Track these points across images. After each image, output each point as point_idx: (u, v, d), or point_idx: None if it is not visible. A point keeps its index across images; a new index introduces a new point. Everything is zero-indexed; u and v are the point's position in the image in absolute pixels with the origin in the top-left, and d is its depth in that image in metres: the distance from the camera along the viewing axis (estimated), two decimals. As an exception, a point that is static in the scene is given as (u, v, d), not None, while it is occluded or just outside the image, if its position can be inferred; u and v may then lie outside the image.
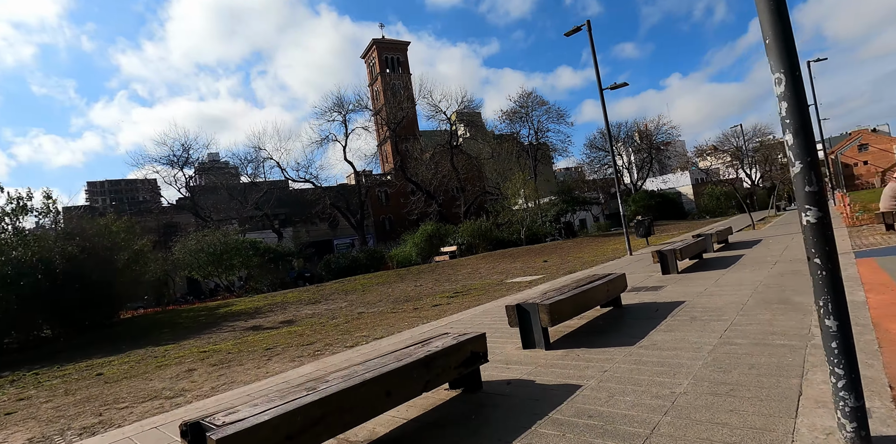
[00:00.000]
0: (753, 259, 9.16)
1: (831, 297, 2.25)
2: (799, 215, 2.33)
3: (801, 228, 2.33)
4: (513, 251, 22.79)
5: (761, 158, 56.32)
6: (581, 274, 11.24)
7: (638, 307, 6.16)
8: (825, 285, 2.27)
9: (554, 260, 16.42)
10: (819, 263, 2.29)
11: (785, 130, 2.31)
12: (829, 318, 2.26)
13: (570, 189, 34.27)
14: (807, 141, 2.26)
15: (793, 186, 2.38)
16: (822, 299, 2.28)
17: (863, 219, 12.74)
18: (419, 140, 49.27)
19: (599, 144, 53.14)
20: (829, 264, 2.26)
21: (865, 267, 6.58)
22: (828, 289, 2.26)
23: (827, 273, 2.27)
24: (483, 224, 28.10)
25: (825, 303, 2.27)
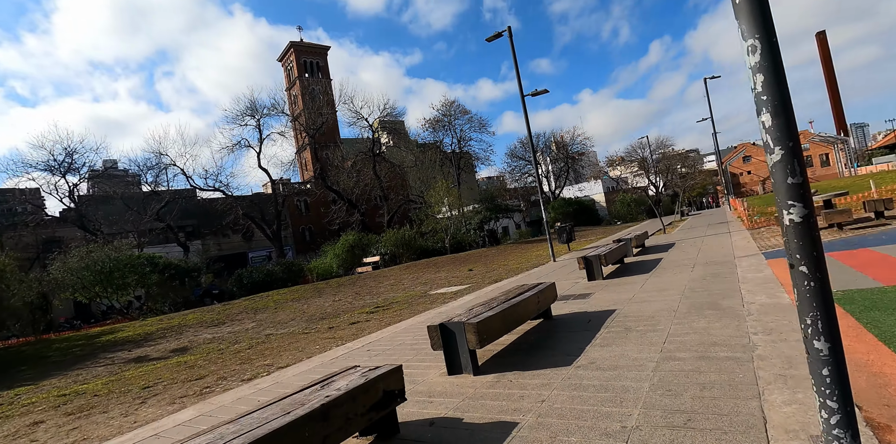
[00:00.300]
0: (672, 263, 9.28)
1: (821, 314, 1.82)
2: (780, 214, 1.89)
3: (783, 228, 1.89)
4: (437, 260, 22.29)
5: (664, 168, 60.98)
6: (507, 283, 10.90)
7: (569, 318, 5.77)
8: (813, 298, 1.84)
9: (479, 269, 16.08)
10: (806, 271, 1.85)
11: (761, 108, 1.87)
12: (818, 339, 1.83)
13: (493, 197, 34.57)
14: (788, 122, 1.84)
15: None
16: (809, 315, 1.84)
17: (760, 222, 13.68)
18: (340, 147, 47.68)
19: (520, 154, 54.67)
20: (817, 272, 1.84)
21: (778, 268, 6.72)
22: (817, 304, 1.83)
23: (815, 284, 1.84)
24: (407, 233, 27.41)
25: (814, 321, 1.83)
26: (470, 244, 29.97)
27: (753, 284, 5.94)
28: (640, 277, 8.14)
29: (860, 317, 3.89)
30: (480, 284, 11.64)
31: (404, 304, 10.35)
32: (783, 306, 4.64)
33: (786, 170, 1.83)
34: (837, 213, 9.03)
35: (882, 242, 7.31)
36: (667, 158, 61.89)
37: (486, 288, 10.54)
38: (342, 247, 29.37)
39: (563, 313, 6.12)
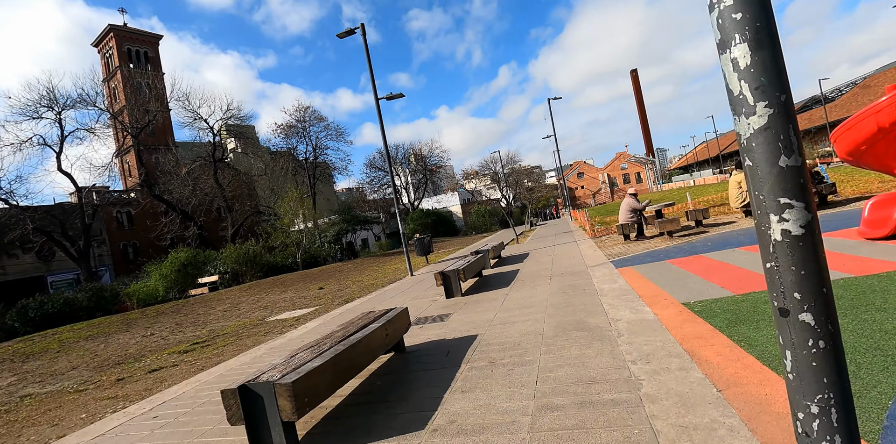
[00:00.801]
0: (530, 274, 9.02)
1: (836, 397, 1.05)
2: (760, 222, 1.08)
3: (769, 246, 1.08)
4: (286, 278, 20.07)
5: (513, 182, 65.53)
6: (359, 303, 9.69)
7: (426, 350, 4.82)
8: (823, 369, 1.05)
9: (331, 286, 14.56)
10: (812, 323, 1.06)
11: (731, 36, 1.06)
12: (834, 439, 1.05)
13: (350, 208, 33.01)
14: (776, 60, 1.05)
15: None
16: (817, 398, 1.06)
17: (600, 231, 14.62)
18: (174, 151, 41.69)
19: (379, 164, 53.89)
20: (829, 325, 1.06)
21: (630, 276, 6.67)
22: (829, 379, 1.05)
23: (827, 346, 1.05)
24: (251, 248, 24.46)
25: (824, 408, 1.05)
26: (325, 259, 27.97)
27: (612, 296, 5.67)
28: (500, 291, 7.62)
29: (730, 333, 3.59)
30: (329, 305, 10.23)
31: (232, 336, 8.49)
32: (649, 323, 4.26)
33: (776, 143, 1.03)
34: (668, 222, 9.73)
35: (709, 249, 7.82)
36: (516, 172, 66.73)
37: (335, 311, 9.20)
38: (171, 266, 25.18)
39: (419, 343, 5.16)
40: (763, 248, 1.07)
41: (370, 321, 4.39)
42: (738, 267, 5.93)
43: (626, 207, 10.69)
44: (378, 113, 12.78)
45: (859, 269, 4.71)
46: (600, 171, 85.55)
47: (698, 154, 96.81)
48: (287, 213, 25.62)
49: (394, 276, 14.43)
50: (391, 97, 12.92)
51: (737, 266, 6.00)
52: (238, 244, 25.11)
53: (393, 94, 12.87)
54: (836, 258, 5.36)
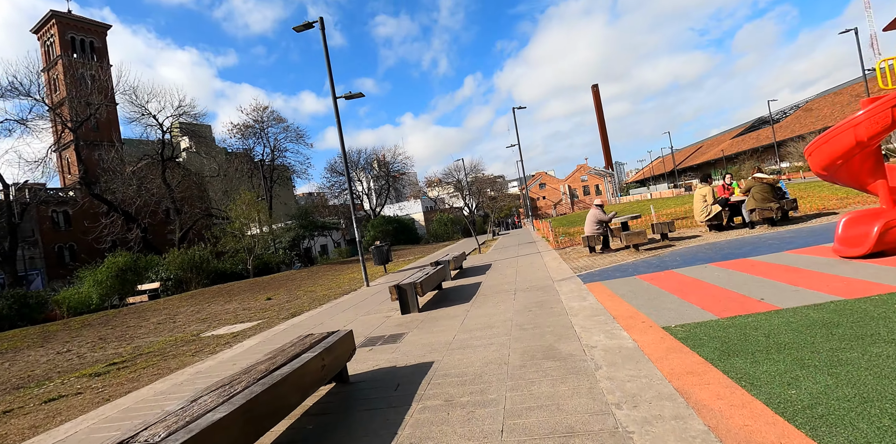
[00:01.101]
0: (492, 288, 8.45)
1: None
2: None
3: None
4: (234, 286, 18.77)
5: (476, 191, 65.49)
6: (307, 317, 8.84)
7: (373, 381, 4.11)
8: None
9: (280, 297, 13.55)
10: None
11: None
12: None
13: (308, 213, 31.73)
14: None
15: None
16: None
17: (564, 242, 14.30)
18: (119, 148, 39.13)
19: (340, 169, 52.58)
20: None
21: (601, 293, 6.19)
22: None
23: None
24: (198, 253, 22.92)
25: None
26: (278, 266, 26.63)
27: (584, 316, 5.14)
28: (461, 307, 6.99)
29: (726, 368, 3.08)
30: (274, 320, 9.32)
31: (157, 356, 7.47)
32: (629, 352, 3.73)
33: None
34: (635, 234, 9.42)
35: (679, 264, 7.48)
36: (479, 181, 66.74)
37: (279, 326, 8.32)
38: (107, 271, 23.27)
39: (366, 371, 4.45)
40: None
41: (305, 349, 3.66)
42: (714, 285, 5.54)
43: (593, 219, 10.34)
44: (336, 113, 12.02)
45: (847, 291, 4.36)
46: (561, 182, 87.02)
47: (654, 168, 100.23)
48: (239, 216, 24.21)
49: (349, 286, 13.58)
50: (350, 96, 12.19)
51: (713, 284, 5.61)
52: (184, 249, 23.46)
53: (352, 93, 12.15)
54: (817, 278, 5.03)
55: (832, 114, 57.42)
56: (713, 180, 10.92)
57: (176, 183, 36.63)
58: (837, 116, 54.55)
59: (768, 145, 65.59)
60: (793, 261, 6.15)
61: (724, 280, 5.71)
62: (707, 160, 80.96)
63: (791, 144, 55.20)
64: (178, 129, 40.82)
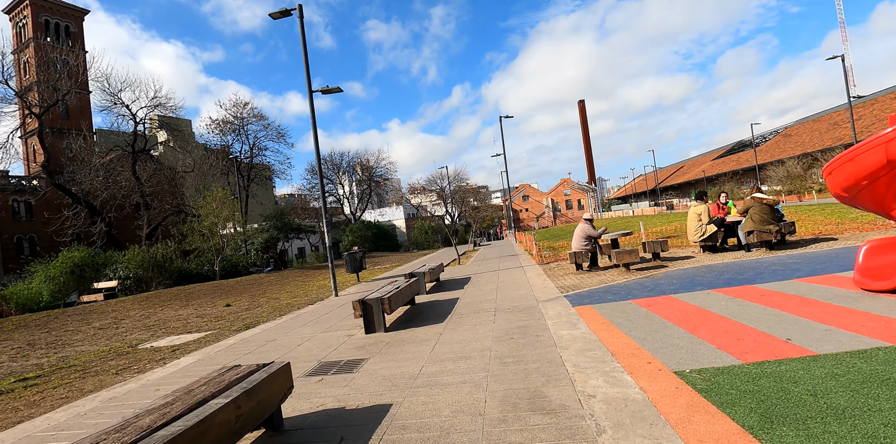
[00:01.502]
0: (470, 306, 7.63)
1: None
2: None
3: None
4: (196, 289, 17.55)
5: (459, 200, 64.86)
6: (261, 331, 7.87)
7: (311, 430, 3.23)
8: None
9: (241, 303, 12.49)
10: None
11: None
12: None
13: (283, 214, 30.51)
14: None
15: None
16: None
17: (548, 257, 13.59)
18: (89, 138, 37.35)
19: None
20: None
21: (593, 320, 5.42)
22: None
23: None
24: (161, 251, 21.58)
25: None
26: (248, 268, 25.37)
27: (576, 350, 4.35)
28: (433, 329, 6.14)
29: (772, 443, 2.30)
30: (225, 331, 8.32)
31: (78, 371, 6.43)
32: (639, 408, 2.94)
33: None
34: (626, 253, 8.72)
35: (676, 288, 6.77)
36: (462, 190, 66.15)
37: (227, 341, 7.34)
38: (61, 267, 21.81)
39: (308, 412, 3.56)
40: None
41: (218, 391, 2.77)
42: (725, 318, 4.81)
43: (581, 234, 9.63)
44: (311, 107, 11.15)
45: (891, 335, 3.66)
46: (545, 195, 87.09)
47: (636, 186, 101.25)
48: (209, 214, 22.93)
49: (316, 295, 12.60)
50: (327, 91, 11.34)
51: (723, 316, 4.88)
52: (146, 246, 22.09)
53: (329, 87, 11.29)
54: (846, 315, 4.34)
55: (811, 140, 58.62)
56: (708, 199, 10.34)
57: (147, 177, 35.07)
58: (816, 143, 55.72)
59: (748, 168, 66.64)
60: (807, 292, 5.48)
61: (735, 312, 4.99)
62: (688, 180, 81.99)
63: (771, 167, 56.08)
64: (156, 121, 39.28)
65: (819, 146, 52.70)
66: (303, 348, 5.96)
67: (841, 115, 60.44)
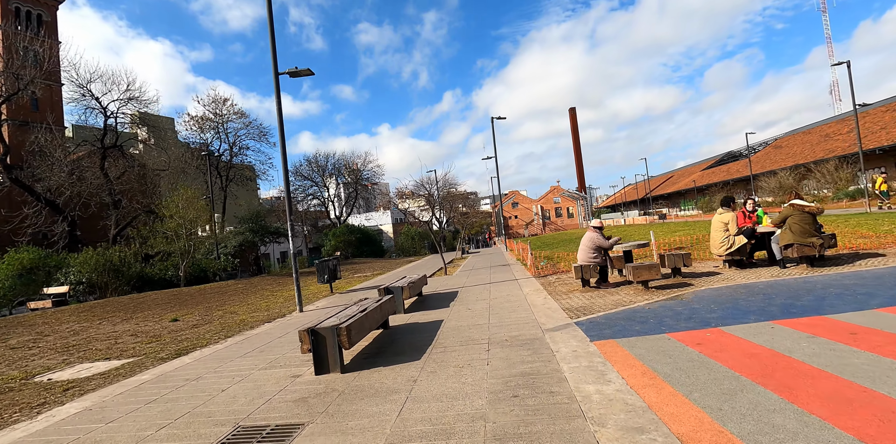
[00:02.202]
0: (456, 334, 6.07)
1: None
2: None
3: None
4: (150, 298, 15.73)
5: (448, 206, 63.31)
6: (191, 361, 6.20)
7: None
8: None
9: (192, 318, 10.78)
10: None
11: None
12: None
13: (260, 217, 28.66)
14: None
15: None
16: None
17: (545, 268, 12.11)
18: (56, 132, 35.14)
19: (305, 173, 49.63)
20: None
21: (626, 366, 3.92)
22: None
23: None
24: (117, 255, 19.67)
25: None
26: (217, 274, 23.50)
27: (618, 429, 2.81)
28: (405, 371, 4.57)
29: None
30: (150, 359, 6.64)
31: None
32: None
33: None
34: (646, 268, 7.25)
35: (720, 316, 5.30)
36: (451, 196, 64.70)
37: (142, 375, 5.68)
38: (7, 269, 19.92)
39: None
40: None
41: None
42: (822, 370, 3.33)
43: (590, 244, 8.14)
44: (276, 90, 9.57)
45: None
46: (534, 202, 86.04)
47: (627, 194, 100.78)
48: (176, 214, 21.08)
49: (280, 309, 10.94)
50: (296, 73, 9.76)
51: (818, 368, 3.40)
52: (101, 248, 20.17)
53: (298, 69, 9.71)
54: None
55: (802, 152, 58.35)
56: (736, 205, 8.92)
57: (117, 174, 33.01)
58: (808, 154, 55.40)
59: (739, 178, 66.29)
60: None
61: (834, 361, 3.51)
62: (678, 190, 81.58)
63: (763, 178, 55.58)
64: (136, 118, 37.27)
65: (811, 158, 52.29)
66: (225, 397, 4.35)
67: (832, 127, 60.39)
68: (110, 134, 33.20)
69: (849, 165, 43.80)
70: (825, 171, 43.52)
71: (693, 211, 69.28)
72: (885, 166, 44.82)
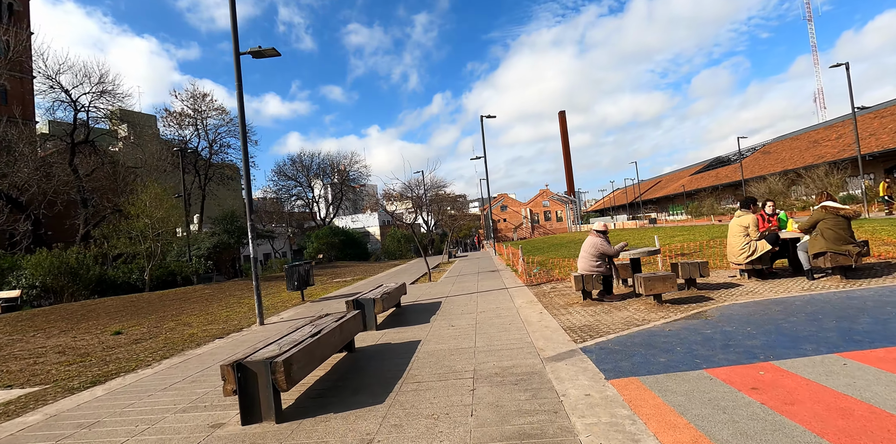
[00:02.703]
0: (434, 363, 4.91)
1: None
2: None
3: None
4: (104, 304, 14.33)
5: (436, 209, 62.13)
6: (103, 393, 4.94)
7: None
8: None
9: (137, 330, 9.47)
10: None
11: None
12: None
13: (236, 217, 27.24)
14: None
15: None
16: None
17: (538, 277, 11.00)
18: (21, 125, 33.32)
19: (289, 173, 48.14)
20: None
21: (657, 418, 2.81)
22: None
23: None
24: (74, 256, 18.18)
25: None
26: (187, 277, 22.05)
27: None
28: (360, 424, 3.38)
29: None
30: (54, 390, 5.37)
31: None
32: None
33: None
34: (660, 280, 6.18)
35: (764, 344, 4.23)
36: (439, 198, 63.51)
37: (45, 409, 4.42)
38: (-48, 271, 18.28)
39: None
40: None
41: None
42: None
43: (592, 251, 7.05)
44: (237, 71, 8.36)
45: None
46: (523, 206, 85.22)
47: (616, 199, 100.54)
48: (143, 213, 19.64)
49: (241, 320, 9.68)
50: (260, 53, 8.55)
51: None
52: (58, 249, 18.65)
53: (262, 48, 8.51)
54: None
55: (791, 157, 58.31)
56: (756, 207, 7.87)
57: (87, 171, 31.36)
58: (797, 160, 55.32)
59: (728, 184, 66.17)
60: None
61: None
62: (666, 195, 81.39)
63: (753, 183, 55.36)
64: (115, 114, 35.62)
65: (800, 163, 52.16)
66: None
67: (820, 133, 60.48)
68: (81, 129, 31.62)
69: (839, 171, 43.59)
70: (815, 176, 43.21)
71: (682, 216, 68.94)
72: (875, 172, 44.72)
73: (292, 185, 48.57)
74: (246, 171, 8.93)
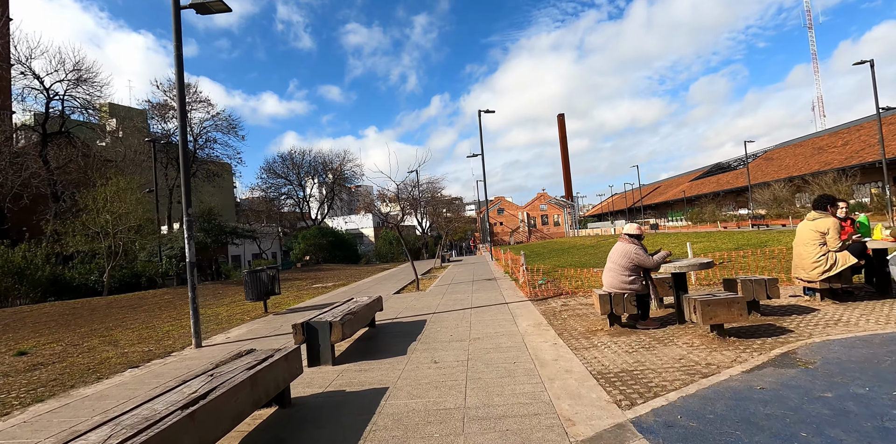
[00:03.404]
0: (407, 422, 3.14)
1: None
2: None
3: None
4: (39, 311, 12.45)
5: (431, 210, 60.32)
6: None
7: None
8: None
9: (49, 350, 7.64)
10: None
11: None
12: None
13: (213, 214, 25.35)
14: None
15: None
16: None
17: (544, 290, 9.26)
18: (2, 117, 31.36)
19: (279, 170, 46.25)
20: None
21: None
22: None
23: None
24: (19, 255, 16.27)
25: None
26: (151, 280, 20.16)
27: None
28: None
29: None
30: None
31: None
32: None
33: None
34: (724, 305, 4.45)
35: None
36: (435, 200, 61.74)
37: None
38: None
39: None
40: None
41: None
42: None
43: (625, 262, 5.31)
44: (176, 26, 6.59)
45: None
46: (520, 209, 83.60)
47: (614, 203, 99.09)
48: (104, 208, 17.76)
49: (178, 338, 7.87)
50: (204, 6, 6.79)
51: None
52: (2, 246, 16.72)
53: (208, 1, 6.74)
54: None
55: (796, 164, 56.97)
56: (835, 208, 6.11)
57: (60, 164, 29.43)
58: (802, 167, 54.00)
59: (730, 190, 64.88)
60: None
61: None
62: (666, 200, 79.98)
63: (756, 190, 53.98)
64: (103, 107, 33.83)
65: (805, 170, 50.80)
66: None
67: (825, 140, 59.23)
68: (56, 119, 29.77)
69: (848, 178, 42.23)
70: (823, 184, 41.75)
71: (682, 222, 67.40)
72: (882, 181, 43.33)
73: (282, 183, 46.67)
74: (182, 139, 7.14)
